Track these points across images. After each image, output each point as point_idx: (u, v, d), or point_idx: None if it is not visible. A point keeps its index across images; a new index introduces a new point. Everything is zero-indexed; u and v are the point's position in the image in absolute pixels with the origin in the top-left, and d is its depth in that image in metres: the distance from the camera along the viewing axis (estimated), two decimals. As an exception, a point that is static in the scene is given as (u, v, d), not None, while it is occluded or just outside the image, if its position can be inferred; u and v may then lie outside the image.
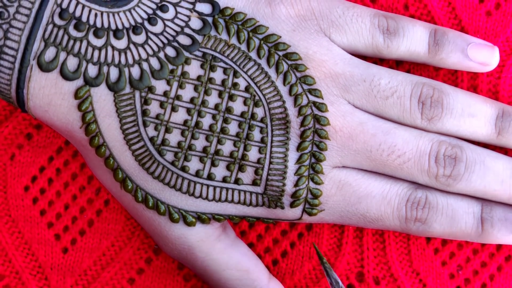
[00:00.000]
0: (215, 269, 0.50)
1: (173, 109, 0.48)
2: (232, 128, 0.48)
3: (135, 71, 0.47)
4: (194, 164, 0.48)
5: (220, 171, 0.49)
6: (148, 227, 0.50)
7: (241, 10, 0.49)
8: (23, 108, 0.48)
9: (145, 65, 0.47)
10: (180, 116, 0.48)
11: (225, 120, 0.48)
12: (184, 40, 0.48)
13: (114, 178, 0.49)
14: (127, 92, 0.47)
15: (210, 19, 0.48)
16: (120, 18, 0.47)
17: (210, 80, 0.48)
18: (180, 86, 0.48)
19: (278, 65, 0.48)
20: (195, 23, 0.48)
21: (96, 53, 0.47)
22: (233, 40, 0.48)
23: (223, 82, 0.48)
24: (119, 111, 0.47)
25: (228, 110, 0.48)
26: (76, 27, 0.47)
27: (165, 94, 0.47)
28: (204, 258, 0.50)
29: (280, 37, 0.49)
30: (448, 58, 0.51)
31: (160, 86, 0.47)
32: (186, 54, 0.48)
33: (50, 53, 0.46)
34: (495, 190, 0.50)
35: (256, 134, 0.48)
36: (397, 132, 0.49)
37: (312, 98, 0.49)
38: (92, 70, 0.47)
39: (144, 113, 0.47)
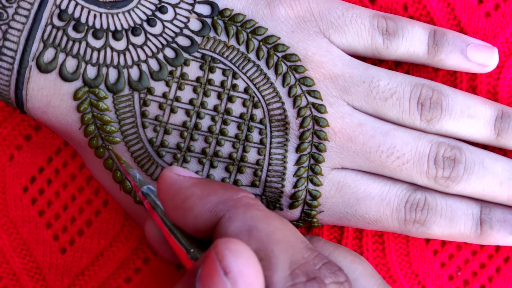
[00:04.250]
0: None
1: (172, 110, 0.47)
2: (231, 129, 0.48)
3: (134, 72, 0.47)
4: (193, 166, 0.48)
5: (219, 172, 0.48)
6: (146, 228, 0.50)
7: (240, 12, 0.49)
8: (22, 109, 0.48)
9: (144, 66, 0.47)
10: (179, 117, 0.48)
11: (224, 122, 0.48)
12: (183, 41, 0.48)
13: (113, 179, 0.49)
14: (126, 94, 0.47)
15: (209, 20, 0.48)
16: (119, 19, 0.47)
17: (209, 81, 0.48)
18: (179, 87, 0.48)
19: (277, 66, 0.48)
20: (194, 24, 0.48)
21: (95, 54, 0.47)
22: (232, 41, 0.48)
23: (222, 83, 0.48)
24: (118, 112, 0.47)
25: (227, 111, 0.48)
26: (75, 28, 0.47)
27: (164, 95, 0.47)
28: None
29: (280, 38, 0.49)
30: (447, 59, 0.51)
31: (159, 87, 0.47)
32: (185, 55, 0.48)
33: (49, 54, 0.46)
34: (494, 192, 0.50)
35: (255, 136, 0.48)
36: (396, 133, 0.49)
37: (311, 99, 0.49)
38: (91, 71, 0.47)
39: (143, 114, 0.47)
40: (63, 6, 0.46)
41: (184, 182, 0.42)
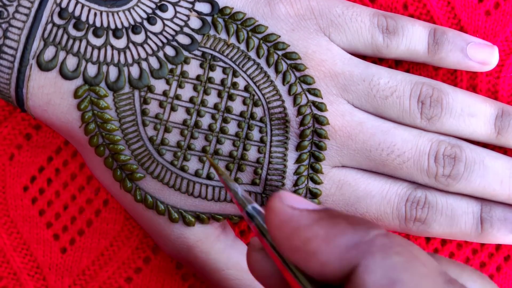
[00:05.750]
0: (215, 268, 0.50)
1: (173, 108, 0.48)
2: (232, 127, 0.48)
3: (135, 71, 0.47)
4: (193, 164, 0.48)
5: (219, 170, 0.49)
6: (147, 226, 0.50)
7: (240, 10, 0.49)
8: (22, 107, 0.48)
9: (144, 65, 0.47)
10: (179, 115, 0.48)
11: (225, 120, 0.48)
12: (183, 39, 0.48)
13: (113, 177, 0.49)
14: (126, 92, 0.47)
15: (209, 19, 0.48)
16: (120, 18, 0.47)
17: (210, 79, 0.48)
18: (180, 85, 0.48)
19: (277, 64, 0.48)
20: (194, 23, 0.48)
21: (95, 52, 0.47)
22: (233, 40, 0.48)
23: (223, 81, 0.48)
24: (119, 110, 0.47)
25: (228, 109, 0.48)
26: (76, 27, 0.47)
27: (165, 93, 0.47)
28: (203, 258, 0.50)
29: (280, 36, 0.49)
30: (447, 57, 0.51)
31: (159, 85, 0.47)
32: (186, 53, 0.48)
33: (49, 52, 0.46)
34: (494, 190, 0.50)
35: (256, 134, 0.48)
36: (396, 131, 0.49)
37: (311, 97, 0.49)
38: (92, 69, 0.47)
39: (144, 112, 0.47)
40: (63, 5, 0.47)
41: (302, 219, 0.36)
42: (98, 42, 0.47)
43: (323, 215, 0.36)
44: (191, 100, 0.48)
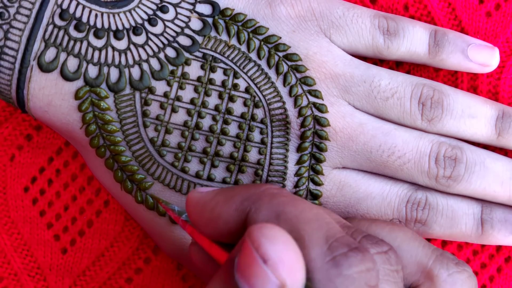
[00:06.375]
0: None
1: (173, 110, 0.48)
2: (232, 129, 0.48)
3: (135, 72, 0.47)
4: (194, 165, 0.48)
5: (220, 172, 0.49)
6: (148, 228, 0.50)
7: (241, 11, 0.49)
8: (23, 108, 0.48)
9: (145, 66, 0.47)
10: (180, 117, 0.48)
11: (225, 121, 0.48)
12: (184, 40, 0.48)
13: (114, 179, 0.49)
14: (127, 93, 0.47)
15: (210, 20, 0.48)
16: (121, 19, 0.47)
17: (210, 81, 0.48)
18: (180, 87, 0.48)
19: (278, 66, 0.48)
20: (195, 24, 0.48)
21: (96, 53, 0.47)
22: (233, 41, 0.48)
23: (223, 83, 0.48)
24: (119, 111, 0.47)
25: (228, 111, 0.48)
26: (77, 28, 0.47)
27: (165, 95, 0.47)
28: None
29: (280, 38, 0.49)
30: (448, 59, 0.51)
31: (160, 86, 0.47)
32: (186, 54, 0.48)
33: (50, 53, 0.46)
34: (495, 192, 0.50)
35: (256, 135, 0.48)
36: (397, 133, 0.49)
37: (312, 99, 0.49)
38: (92, 71, 0.47)
39: (144, 114, 0.47)
40: (64, 6, 0.47)
41: (207, 195, 0.42)
42: (99, 43, 0.47)
43: (224, 188, 0.42)
44: (192, 101, 0.48)
